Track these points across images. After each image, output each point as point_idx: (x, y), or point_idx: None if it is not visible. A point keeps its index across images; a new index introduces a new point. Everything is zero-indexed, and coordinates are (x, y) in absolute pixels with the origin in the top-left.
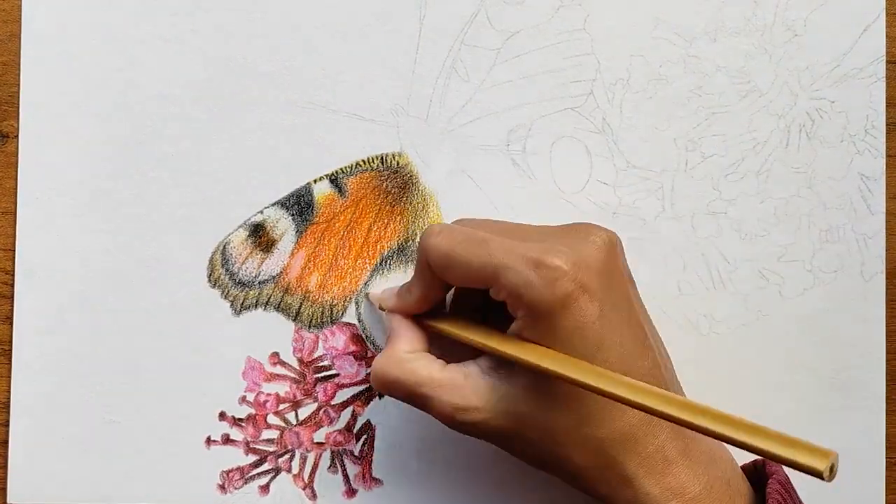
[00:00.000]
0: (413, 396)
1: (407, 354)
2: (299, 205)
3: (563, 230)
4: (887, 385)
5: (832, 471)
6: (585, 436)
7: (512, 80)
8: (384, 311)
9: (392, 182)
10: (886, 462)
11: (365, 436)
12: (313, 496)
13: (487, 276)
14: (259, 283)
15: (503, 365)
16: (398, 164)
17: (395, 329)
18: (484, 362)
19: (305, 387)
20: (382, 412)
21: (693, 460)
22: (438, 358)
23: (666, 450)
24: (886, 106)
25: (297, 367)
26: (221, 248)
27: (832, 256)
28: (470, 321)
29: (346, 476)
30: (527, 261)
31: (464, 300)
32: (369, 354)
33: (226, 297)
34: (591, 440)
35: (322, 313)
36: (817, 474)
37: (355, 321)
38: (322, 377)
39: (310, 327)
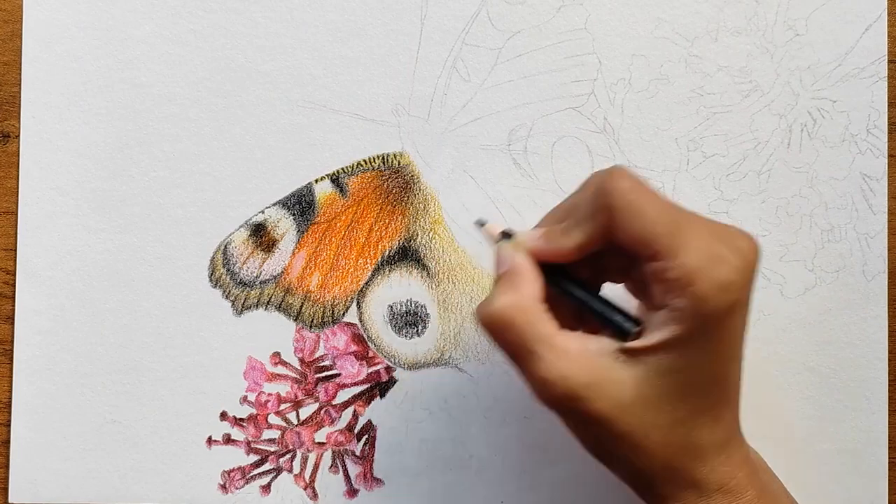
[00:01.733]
0: (522, 351)
1: (535, 302)
2: (300, 204)
3: (729, 229)
4: (889, 384)
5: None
6: (680, 437)
7: (513, 79)
8: (503, 246)
9: (393, 182)
10: (889, 462)
11: (366, 436)
12: (314, 496)
13: (668, 246)
14: (260, 282)
15: (628, 354)
16: (399, 163)
17: (524, 272)
18: (608, 343)
19: (307, 387)
20: (383, 412)
21: (765, 497)
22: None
23: (740, 477)
24: (888, 105)
25: (299, 367)
26: (223, 247)
27: (834, 256)
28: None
29: (347, 476)
30: (712, 251)
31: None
32: (370, 354)
33: (227, 297)
34: (684, 442)
35: (323, 313)
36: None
37: (356, 321)
38: (323, 377)
39: (311, 327)
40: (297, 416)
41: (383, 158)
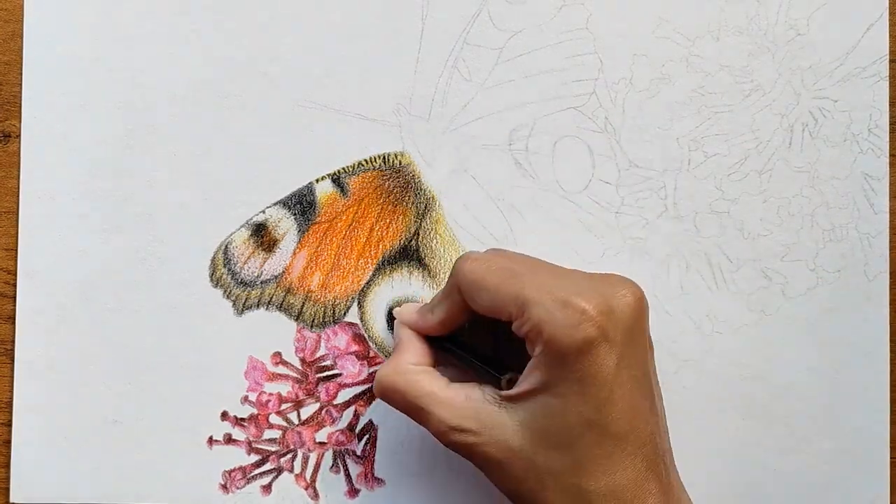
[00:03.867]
0: (412, 408)
1: (412, 366)
2: (301, 204)
3: (597, 277)
4: (891, 385)
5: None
6: (572, 485)
7: (514, 79)
8: (396, 322)
9: (394, 181)
10: (889, 462)
11: (367, 436)
12: (315, 496)
13: (515, 307)
14: (261, 282)
15: (508, 398)
16: (400, 163)
17: (404, 340)
18: (489, 390)
19: (307, 386)
20: (384, 412)
21: None
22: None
23: None
24: (890, 105)
25: (300, 367)
26: (223, 247)
27: (835, 256)
28: (479, 349)
29: (348, 476)
30: (555, 299)
31: (479, 333)
32: (371, 354)
33: (228, 297)
34: (576, 490)
35: (324, 313)
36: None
37: (357, 321)
38: (324, 377)
39: (312, 327)
40: (298, 415)
41: (384, 158)
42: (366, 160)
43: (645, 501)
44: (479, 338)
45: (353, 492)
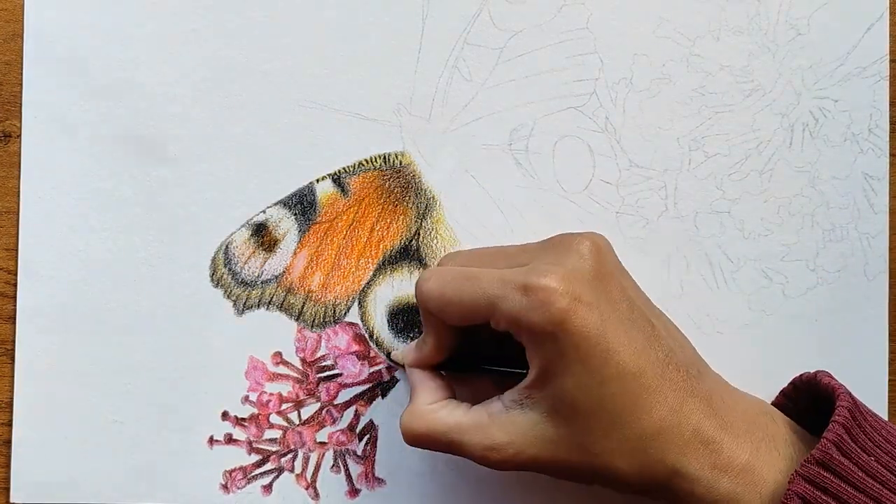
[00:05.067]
0: (444, 445)
1: (430, 406)
2: (302, 204)
3: (546, 245)
4: (889, 385)
5: None
6: (619, 441)
7: (515, 79)
8: (404, 366)
9: (395, 181)
10: None
11: (368, 435)
12: (316, 496)
13: (483, 310)
14: (262, 282)
15: (525, 396)
16: (401, 163)
17: (416, 383)
18: (507, 397)
19: (308, 386)
20: (385, 412)
21: (732, 431)
22: (466, 402)
23: (703, 431)
24: (890, 105)
25: (300, 367)
26: (224, 247)
27: (835, 256)
28: (485, 352)
29: (348, 476)
30: (517, 287)
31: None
32: (371, 354)
33: (228, 297)
34: (625, 444)
35: (325, 313)
36: None
37: (358, 321)
38: (325, 377)
39: (312, 327)
40: (299, 415)
41: (385, 158)
42: (366, 160)
43: (690, 420)
44: (483, 345)
45: (354, 492)
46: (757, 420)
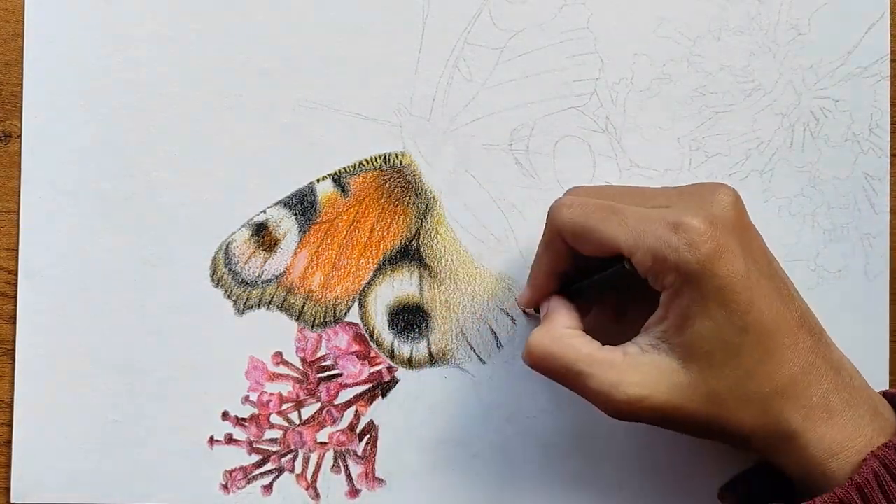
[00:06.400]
0: (569, 374)
1: (566, 330)
2: (302, 204)
3: (690, 191)
4: (890, 385)
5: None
6: (749, 393)
7: (515, 79)
8: (529, 311)
9: (395, 181)
10: None
11: (368, 436)
12: (316, 496)
13: (625, 244)
14: (262, 282)
15: (661, 341)
16: (401, 163)
17: (553, 307)
18: (642, 340)
19: (308, 386)
20: (385, 412)
21: (857, 411)
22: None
23: (830, 400)
24: (891, 105)
25: (300, 367)
26: (224, 247)
27: (836, 256)
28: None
29: (349, 476)
30: (666, 225)
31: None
32: (372, 354)
33: (229, 297)
34: (754, 397)
35: (325, 313)
36: None
37: (358, 321)
38: (325, 377)
39: (313, 327)
40: (299, 415)
41: (385, 158)
42: (367, 160)
43: (820, 385)
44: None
45: (354, 492)
46: (880, 410)
